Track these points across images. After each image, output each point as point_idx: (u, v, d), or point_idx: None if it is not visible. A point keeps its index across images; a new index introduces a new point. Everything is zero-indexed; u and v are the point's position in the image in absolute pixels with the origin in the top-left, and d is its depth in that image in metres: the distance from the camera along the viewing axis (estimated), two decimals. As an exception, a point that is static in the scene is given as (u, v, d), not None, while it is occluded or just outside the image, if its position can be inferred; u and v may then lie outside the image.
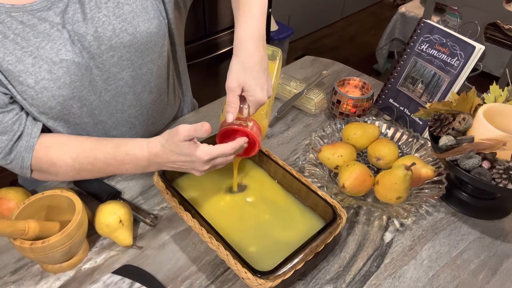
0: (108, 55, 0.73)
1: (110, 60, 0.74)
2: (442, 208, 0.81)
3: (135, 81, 0.80)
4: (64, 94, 0.72)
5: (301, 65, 1.26)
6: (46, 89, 0.69)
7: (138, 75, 0.80)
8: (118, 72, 0.77)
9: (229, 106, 0.66)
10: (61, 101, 0.72)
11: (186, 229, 0.75)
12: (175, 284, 0.67)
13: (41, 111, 0.73)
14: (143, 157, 0.69)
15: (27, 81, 0.68)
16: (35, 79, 0.68)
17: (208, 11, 1.92)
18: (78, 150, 0.73)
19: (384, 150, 0.82)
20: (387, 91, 1.02)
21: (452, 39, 0.89)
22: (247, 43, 0.67)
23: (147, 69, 0.81)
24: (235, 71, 0.66)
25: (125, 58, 0.76)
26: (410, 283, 0.68)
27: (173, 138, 0.65)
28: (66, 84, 0.71)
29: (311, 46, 3.29)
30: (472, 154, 0.70)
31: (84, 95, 0.75)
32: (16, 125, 0.70)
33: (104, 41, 0.72)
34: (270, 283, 0.60)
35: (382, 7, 3.95)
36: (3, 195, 0.72)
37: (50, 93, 0.70)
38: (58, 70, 0.69)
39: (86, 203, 0.73)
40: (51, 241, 0.61)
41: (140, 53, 0.77)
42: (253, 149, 0.71)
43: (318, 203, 0.73)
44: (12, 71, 0.67)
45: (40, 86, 0.69)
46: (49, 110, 0.73)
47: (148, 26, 0.76)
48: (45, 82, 0.69)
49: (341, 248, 0.73)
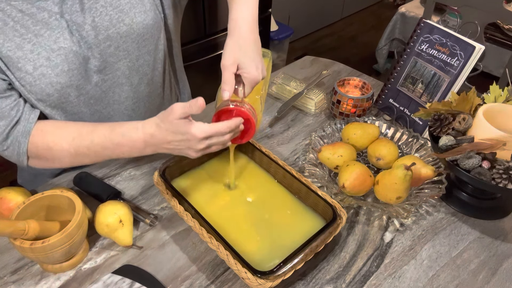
0: (105, 45, 0.75)
1: (107, 50, 0.76)
2: (442, 208, 0.81)
3: (131, 72, 0.82)
4: (61, 81, 0.73)
5: (301, 65, 1.26)
6: (44, 75, 0.71)
7: (135, 66, 0.81)
8: (115, 62, 0.78)
9: (224, 84, 0.66)
10: (59, 88, 0.73)
11: (186, 229, 0.75)
12: (175, 284, 0.67)
13: (39, 98, 0.73)
14: (138, 139, 0.68)
15: (25, 67, 0.69)
16: (33, 65, 0.69)
17: (208, 11, 1.92)
18: (74, 134, 0.72)
19: (384, 150, 0.82)
20: (387, 91, 1.02)
21: (452, 39, 0.89)
22: (242, 25, 0.69)
23: (143, 60, 0.82)
24: (230, 49, 0.67)
25: (122, 49, 0.77)
26: (410, 283, 0.68)
27: (168, 117, 0.64)
28: (64, 71, 0.72)
29: (311, 46, 3.29)
30: (472, 154, 0.70)
31: (81, 84, 0.76)
32: (14, 111, 0.71)
33: (101, 31, 0.73)
34: (270, 283, 0.60)
35: (382, 7, 3.95)
36: (3, 195, 0.72)
37: (48, 80, 0.71)
38: (56, 57, 0.71)
39: (86, 203, 0.73)
40: (51, 241, 0.61)
41: (136, 44, 0.79)
42: (249, 132, 0.69)
43: (318, 203, 0.73)
44: (11, 57, 0.68)
45: (38, 73, 0.70)
46: (46, 97, 0.74)
47: (144, 17, 0.78)
48: (43, 69, 0.70)
49: (341, 248, 0.73)
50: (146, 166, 0.88)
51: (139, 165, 0.88)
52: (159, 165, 0.82)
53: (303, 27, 3.30)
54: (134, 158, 0.90)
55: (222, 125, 0.65)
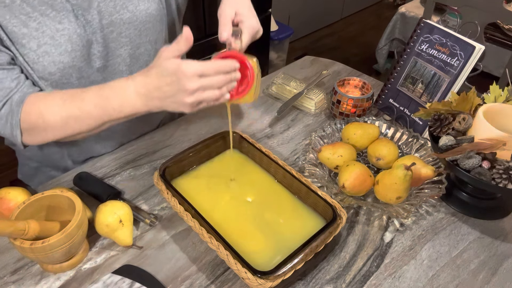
0: (108, 30, 0.77)
1: (109, 35, 0.77)
2: (442, 208, 0.81)
3: (132, 60, 0.83)
4: (64, 61, 0.74)
5: (301, 65, 1.26)
6: (48, 53, 0.72)
7: (136, 54, 0.83)
8: (116, 49, 0.80)
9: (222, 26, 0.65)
10: (61, 67, 0.74)
11: (186, 229, 0.75)
12: (175, 284, 0.67)
13: (41, 76, 0.74)
14: (128, 88, 0.67)
15: (30, 44, 0.71)
16: (37, 43, 0.71)
17: (208, 11, 1.92)
18: (65, 96, 0.72)
19: (384, 150, 0.82)
20: (387, 91, 1.02)
21: (452, 39, 0.89)
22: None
23: (144, 49, 0.84)
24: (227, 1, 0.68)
25: (124, 35, 0.79)
26: (410, 283, 0.68)
27: (156, 61, 0.64)
28: (67, 51, 0.74)
29: (311, 46, 3.29)
30: (472, 154, 0.70)
31: (83, 67, 0.77)
32: (14, 83, 0.71)
33: (105, 16, 0.75)
34: (270, 283, 0.60)
35: (382, 7, 3.95)
36: (3, 195, 0.72)
37: (51, 58, 0.73)
38: (60, 37, 0.72)
39: (86, 203, 0.73)
40: (51, 241, 0.61)
41: (138, 31, 0.81)
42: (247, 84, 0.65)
43: (318, 203, 0.73)
44: (16, 33, 0.69)
45: (41, 50, 0.71)
46: (48, 75, 0.74)
47: (148, 6, 0.80)
48: (47, 47, 0.72)
49: (341, 248, 0.73)
50: (146, 166, 0.88)
51: (139, 165, 0.88)
52: (159, 165, 0.82)
53: (303, 27, 3.30)
54: (134, 158, 0.90)
55: (215, 63, 0.62)
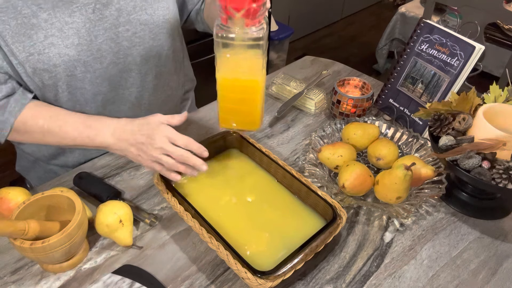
0: (124, 28, 0.79)
1: (124, 33, 0.79)
2: (442, 208, 0.81)
3: (142, 61, 0.85)
4: (70, 54, 0.75)
5: (301, 65, 1.26)
6: (54, 45, 0.73)
7: (147, 56, 0.85)
8: (128, 48, 0.81)
9: None
10: (66, 60, 0.75)
11: (186, 229, 0.75)
12: (175, 284, 0.67)
13: (45, 68, 0.75)
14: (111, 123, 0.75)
15: (37, 34, 0.71)
16: (45, 34, 0.72)
17: (208, 11, 1.92)
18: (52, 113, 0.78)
19: (384, 150, 0.82)
20: (387, 91, 1.02)
21: (452, 39, 0.89)
22: None
23: (156, 52, 0.86)
24: None
25: (138, 36, 0.81)
26: (410, 283, 0.68)
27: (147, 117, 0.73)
28: (74, 45, 0.75)
29: (311, 46, 3.29)
30: (472, 154, 0.70)
31: (90, 62, 0.78)
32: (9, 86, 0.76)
33: (123, 14, 0.78)
34: (270, 283, 0.60)
35: (382, 7, 3.95)
36: (3, 195, 0.72)
37: (57, 50, 0.74)
38: (69, 30, 0.74)
39: (86, 203, 0.73)
40: (51, 241, 0.61)
41: (153, 34, 0.83)
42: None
43: (318, 203, 0.73)
44: (26, 23, 0.70)
45: (48, 42, 0.72)
46: (53, 67, 0.75)
47: (166, 13, 0.83)
48: (54, 39, 0.73)
49: (341, 248, 0.73)
50: (146, 166, 0.88)
51: (139, 165, 0.88)
52: (159, 165, 0.82)
53: (303, 27, 3.30)
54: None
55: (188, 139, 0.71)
